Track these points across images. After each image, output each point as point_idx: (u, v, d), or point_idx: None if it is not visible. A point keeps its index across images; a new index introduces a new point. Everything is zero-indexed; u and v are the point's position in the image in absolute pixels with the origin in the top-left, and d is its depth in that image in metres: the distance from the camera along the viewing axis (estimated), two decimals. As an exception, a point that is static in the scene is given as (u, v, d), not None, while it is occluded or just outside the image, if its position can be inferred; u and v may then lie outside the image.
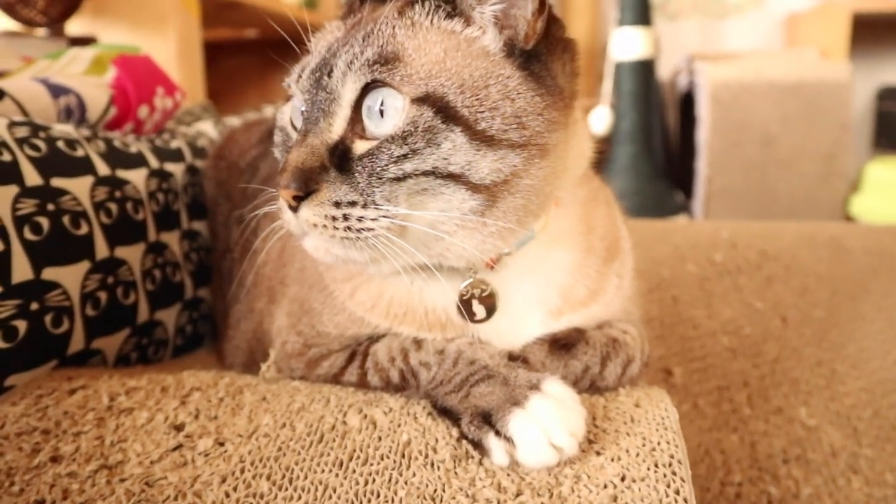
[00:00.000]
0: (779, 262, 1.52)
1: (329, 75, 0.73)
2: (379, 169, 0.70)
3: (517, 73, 0.72)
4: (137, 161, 1.20)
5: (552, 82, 0.74)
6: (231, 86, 3.28)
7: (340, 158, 0.71)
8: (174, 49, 2.17)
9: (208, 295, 1.33)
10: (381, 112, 0.71)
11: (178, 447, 0.76)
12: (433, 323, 0.82)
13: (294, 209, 0.71)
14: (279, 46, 0.85)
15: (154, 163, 1.24)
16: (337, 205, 0.70)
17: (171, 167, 1.29)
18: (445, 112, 0.69)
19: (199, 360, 1.21)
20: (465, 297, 0.80)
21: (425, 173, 0.69)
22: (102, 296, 1.02)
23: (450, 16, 0.74)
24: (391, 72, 0.70)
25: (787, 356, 1.29)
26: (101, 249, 1.04)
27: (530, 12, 0.72)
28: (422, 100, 0.69)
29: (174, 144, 1.38)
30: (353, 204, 0.70)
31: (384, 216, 0.70)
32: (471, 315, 0.80)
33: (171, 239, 1.24)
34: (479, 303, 0.80)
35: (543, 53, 0.74)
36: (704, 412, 1.17)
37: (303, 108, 0.76)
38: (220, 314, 1.25)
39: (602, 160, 0.92)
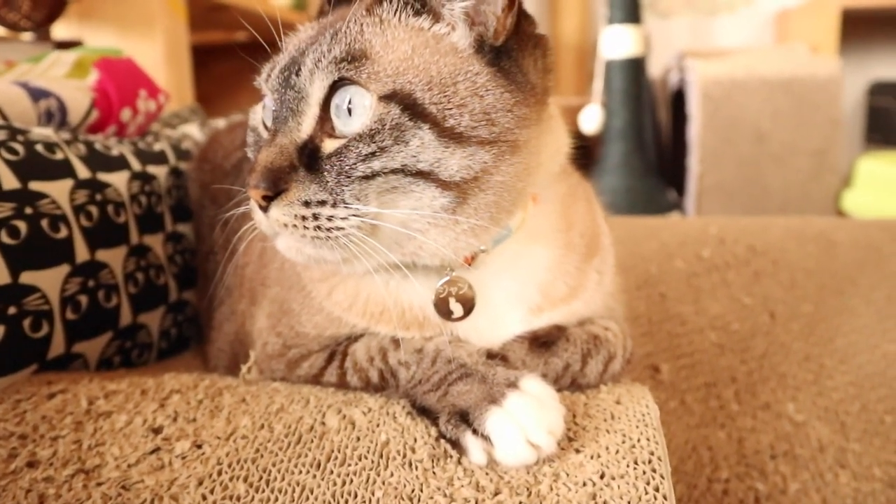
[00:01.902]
0: (767, 258, 1.51)
1: (297, 74, 0.72)
2: (347, 167, 0.69)
3: (486, 70, 0.72)
4: (119, 164, 1.20)
5: (523, 78, 0.74)
6: (223, 89, 3.27)
7: (310, 157, 0.71)
8: (161, 52, 2.16)
9: (194, 298, 1.33)
10: (350, 110, 0.70)
11: (156, 450, 0.75)
12: (411, 322, 0.81)
13: (264, 209, 0.71)
14: (272, 49, 0.84)
15: (136, 165, 1.24)
16: (306, 204, 0.69)
17: (153, 170, 1.29)
18: (413, 109, 0.68)
19: (184, 364, 1.20)
20: (441, 296, 0.79)
21: (394, 171, 0.69)
22: (83, 299, 1.02)
23: (418, 13, 0.74)
24: (358, 69, 0.69)
25: (775, 351, 1.29)
26: (82, 253, 1.03)
27: (500, 8, 0.72)
28: (389, 97, 0.69)
29: (157, 147, 1.37)
30: (322, 203, 0.69)
31: (354, 215, 0.69)
32: (448, 313, 0.80)
33: (155, 242, 1.23)
34: (456, 301, 0.80)
35: (514, 50, 0.74)
36: (692, 409, 1.17)
37: (273, 108, 0.75)
38: (206, 316, 1.25)
39: (583, 156, 0.92)
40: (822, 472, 1.07)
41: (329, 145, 0.71)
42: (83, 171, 1.09)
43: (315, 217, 0.69)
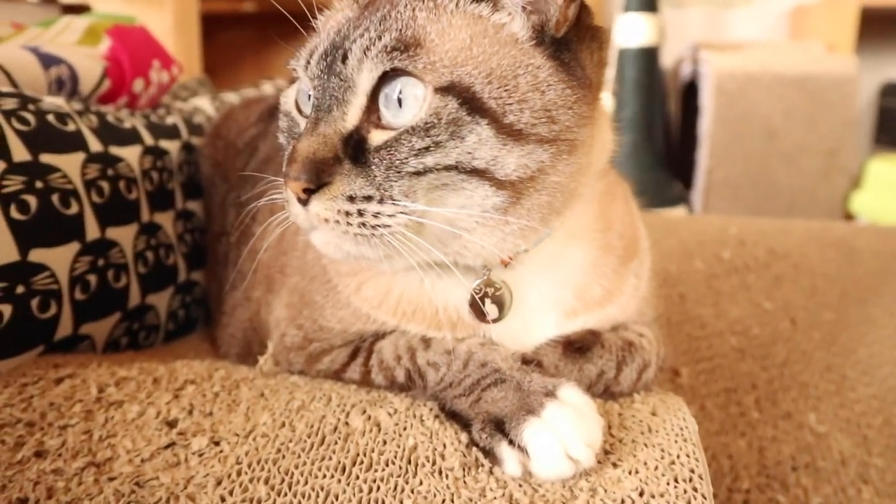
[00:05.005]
0: (787, 261, 1.48)
1: (343, 61, 0.67)
2: (398, 162, 0.65)
3: (547, 63, 0.67)
4: (131, 137, 1.15)
5: (582, 73, 0.69)
6: (228, 60, 3.20)
7: (355, 149, 0.67)
8: (170, 20, 2.10)
9: (202, 278, 1.29)
10: (400, 101, 0.66)
11: (171, 445, 0.72)
12: (443, 322, 0.78)
13: (304, 202, 0.67)
14: (279, 20, 0.80)
15: (149, 139, 1.19)
16: (351, 199, 0.65)
17: (166, 144, 1.24)
18: (471, 103, 0.64)
19: (191, 347, 1.17)
20: (478, 296, 0.76)
21: (447, 168, 0.65)
22: (92, 279, 0.98)
23: None
24: (412, 59, 0.65)
25: (796, 359, 1.26)
26: (92, 230, 0.99)
27: None
28: (446, 89, 0.64)
29: (170, 120, 1.33)
30: (368, 199, 0.65)
31: (402, 212, 0.66)
32: (482, 314, 0.76)
33: (165, 220, 1.19)
34: (491, 302, 0.76)
35: (573, 42, 0.69)
36: (712, 415, 1.14)
37: (310, 93, 0.71)
38: (215, 299, 1.21)
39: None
40: (845, 487, 1.05)
41: (376, 137, 0.67)
42: (95, 145, 1.05)
43: (360, 213, 0.65)
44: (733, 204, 3.15)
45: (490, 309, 0.76)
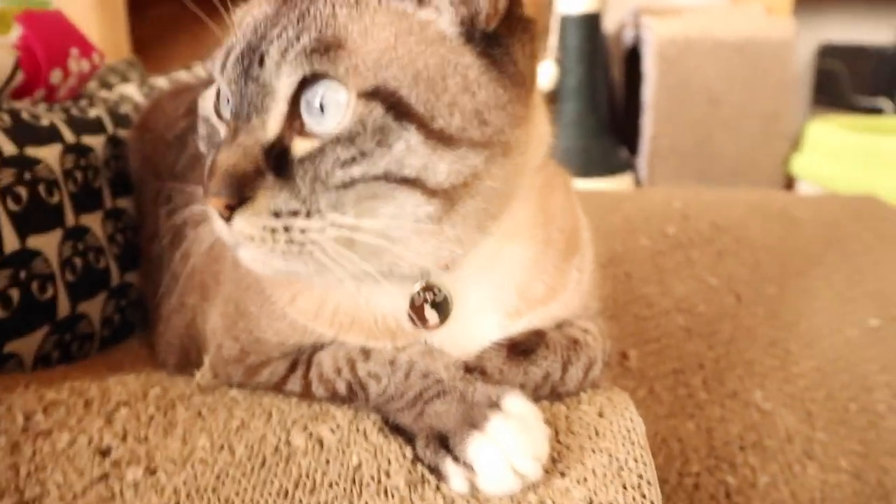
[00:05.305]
0: (730, 235, 1.50)
1: (260, 65, 0.63)
2: (324, 174, 0.61)
3: (478, 62, 0.64)
4: (50, 136, 1.08)
5: (514, 69, 0.66)
6: (160, 37, 3.07)
7: (278, 161, 0.63)
8: (92, -1, 2.00)
9: (137, 279, 1.23)
10: (322, 106, 0.62)
11: (104, 477, 0.68)
12: (382, 331, 0.75)
13: (227, 219, 0.63)
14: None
15: (69, 137, 1.12)
16: (276, 215, 0.62)
17: (89, 140, 1.18)
18: (398, 108, 0.61)
19: (129, 354, 1.12)
20: (416, 304, 0.73)
21: (376, 178, 0.61)
22: (14, 294, 0.92)
23: None
24: (333, 62, 0.61)
25: (741, 336, 1.28)
26: (11, 242, 0.93)
27: None
28: (370, 94, 0.61)
29: (93, 113, 1.26)
30: (294, 213, 0.62)
31: (331, 225, 0.62)
32: (423, 321, 0.74)
33: (93, 221, 1.13)
34: (431, 308, 0.74)
35: (504, 36, 0.66)
36: (661, 398, 1.15)
37: (229, 97, 0.67)
38: (151, 301, 1.16)
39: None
40: (791, 464, 1.06)
41: (300, 146, 0.63)
42: (8, 147, 0.98)
43: (286, 229, 0.62)
44: (679, 170, 3.18)
45: (430, 315, 0.74)
